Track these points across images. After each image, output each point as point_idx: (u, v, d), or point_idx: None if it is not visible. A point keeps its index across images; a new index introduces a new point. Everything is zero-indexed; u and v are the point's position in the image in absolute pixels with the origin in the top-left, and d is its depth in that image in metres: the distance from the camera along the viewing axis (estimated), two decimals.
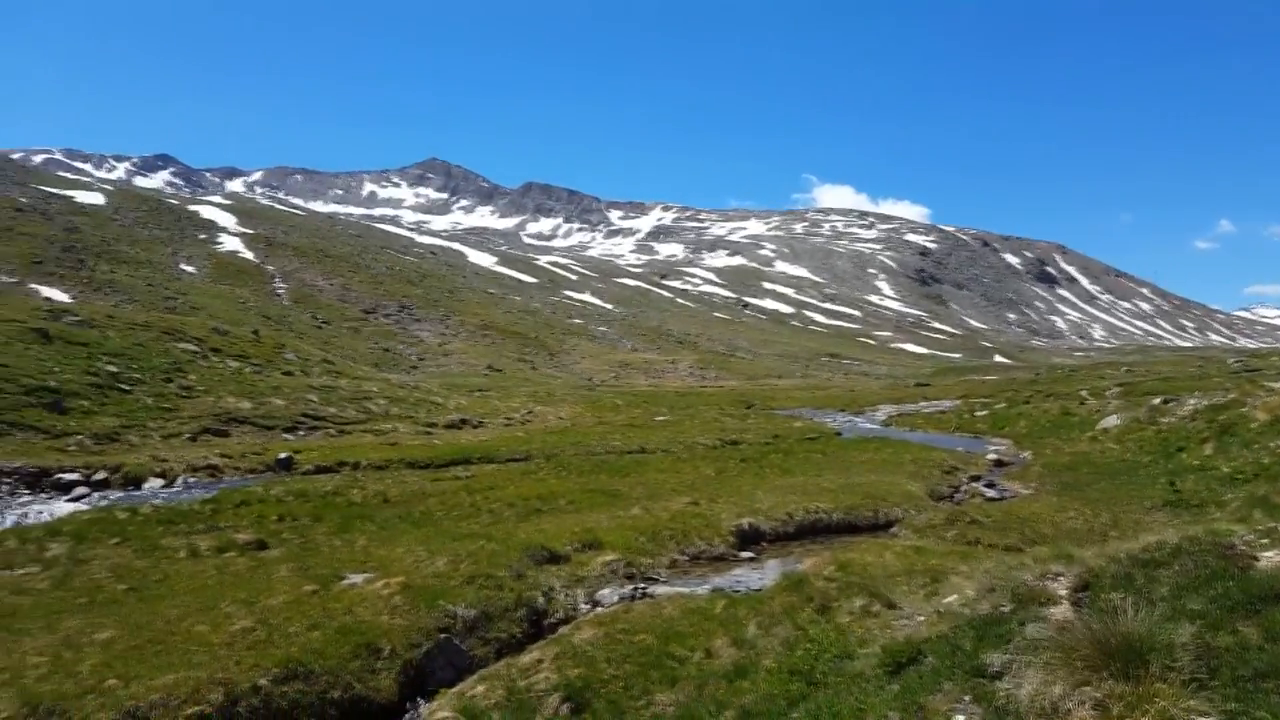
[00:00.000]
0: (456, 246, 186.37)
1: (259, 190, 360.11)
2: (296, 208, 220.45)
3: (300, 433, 30.98)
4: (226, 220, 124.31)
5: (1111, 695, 4.14)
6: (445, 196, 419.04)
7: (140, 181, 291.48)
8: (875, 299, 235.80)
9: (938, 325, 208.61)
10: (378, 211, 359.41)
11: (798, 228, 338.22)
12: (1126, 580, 5.83)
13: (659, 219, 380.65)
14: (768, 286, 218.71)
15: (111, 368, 30.81)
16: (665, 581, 13.16)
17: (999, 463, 28.04)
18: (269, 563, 12.67)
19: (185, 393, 31.29)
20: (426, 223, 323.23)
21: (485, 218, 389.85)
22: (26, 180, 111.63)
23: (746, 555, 15.21)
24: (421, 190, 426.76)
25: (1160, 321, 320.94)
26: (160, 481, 22.20)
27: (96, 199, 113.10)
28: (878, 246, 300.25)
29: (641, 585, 12.73)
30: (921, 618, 8.24)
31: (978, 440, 35.25)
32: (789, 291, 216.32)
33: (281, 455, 25.21)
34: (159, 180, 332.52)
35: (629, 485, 20.67)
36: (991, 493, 22.25)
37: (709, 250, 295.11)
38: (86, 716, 7.34)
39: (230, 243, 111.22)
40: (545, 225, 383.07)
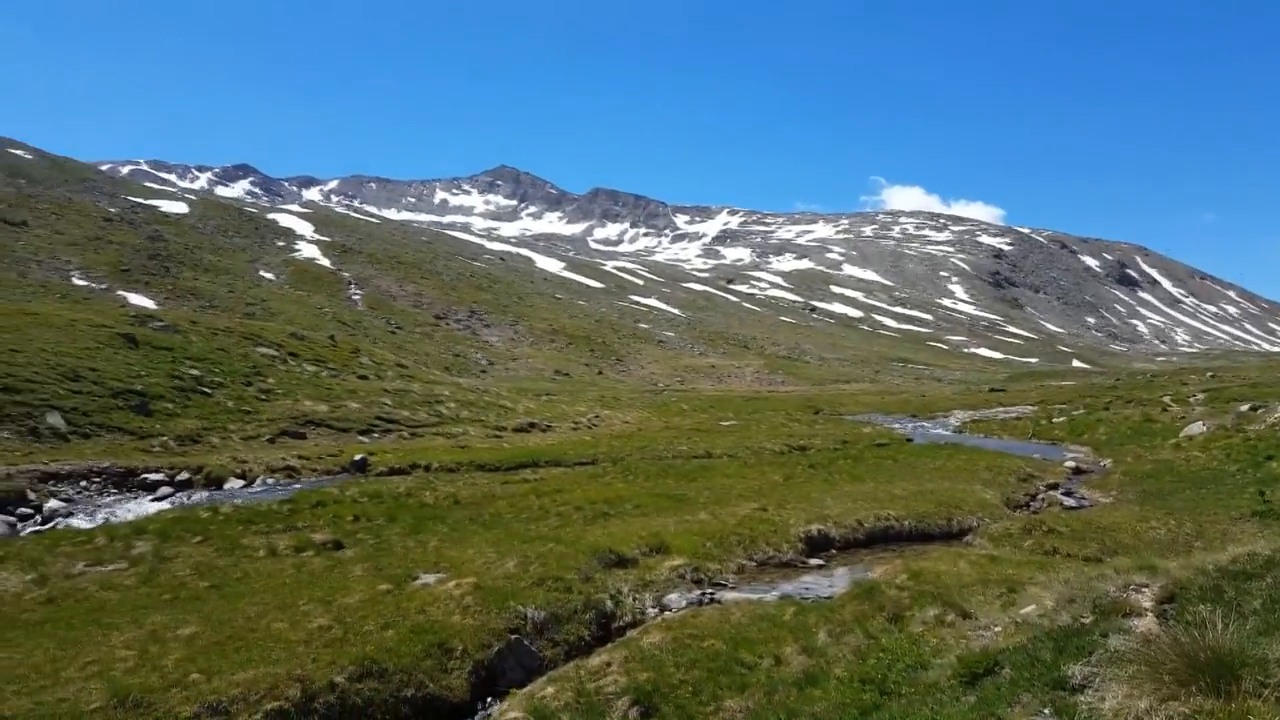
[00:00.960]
0: (525, 252, 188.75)
1: (335, 199, 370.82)
2: (371, 216, 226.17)
3: (374, 435, 31.75)
4: (304, 228, 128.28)
5: (1201, 711, 3.99)
6: (514, 203, 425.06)
7: (221, 191, 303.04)
8: (947, 302, 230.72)
9: (1013, 329, 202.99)
10: (449, 219, 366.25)
11: (867, 230, 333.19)
12: (1215, 592, 5.60)
13: (725, 223, 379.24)
14: (836, 290, 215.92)
15: (194, 371, 32.05)
16: (733, 587, 13.10)
17: (1077, 470, 27.16)
18: (345, 562, 13.01)
19: (264, 396, 32.37)
20: (496, 229, 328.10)
21: (553, 224, 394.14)
22: (115, 191, 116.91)
23: (815, 562, 15.03)
24: (491, 197, 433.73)
25: (1248, 325, 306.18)
26: (240, 482, 23.00)
27: (180, 208, 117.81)
28: (950, 249, 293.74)
29: (709, 591, 12.69)
30: (998, 628, 8.04)
31: (1055, 447, 34.20)
32: (858, 295, 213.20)
33: (356, 457, 25.88)
34: (239, 189, 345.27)
35: (695, 490, 20.62)
36: (1069, 501, 21.56)
37: (775, 254, 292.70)
38: (171, 709, 7.56)
39: (307, 250, 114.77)
40: (612, 230, 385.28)
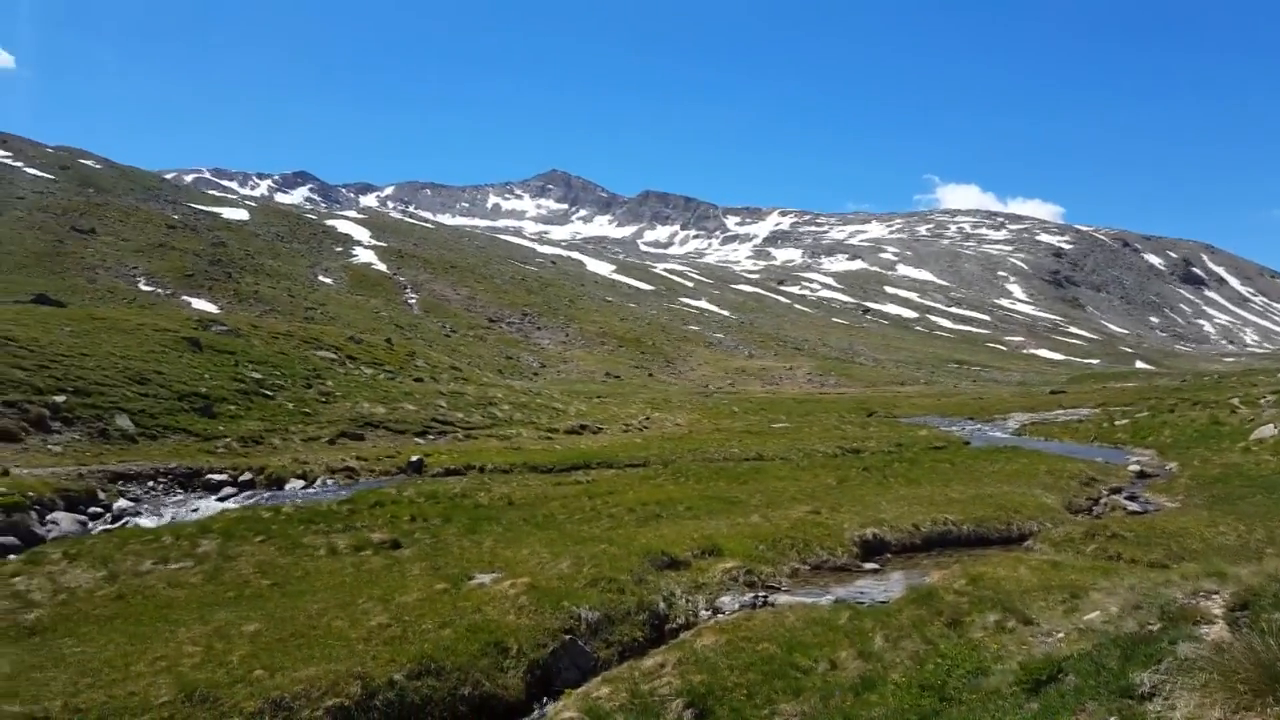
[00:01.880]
0: (575, 256, 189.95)
1: (391, 205, 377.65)
2: (426, 221, 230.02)
3: (430, 436, 32.22)
4: (361, 234, 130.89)
5: None
6: (565, 207, 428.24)
7: (281, 198, 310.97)
8: (1006, 303, 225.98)
9: (1073, 329, 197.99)
10: (501, 223, 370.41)
11: (922, 230, 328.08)
12: None
13: (776, 224, 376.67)
14: (890, 291, 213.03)
15: (256, 374, 32.89)
16: (786, 591, 13.00)
17: (1141, 474, 26.37)
18: (402, 561, 13.22)
19: (324, 398, 33.08)
20: (547, 233, 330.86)
21: (603, 227, 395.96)
22: (178, 198, 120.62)
23: (870, 566, 14.84)
24: (542, 201, 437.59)
25: None
26: (301, 482, 23.52)
27: (241, 215, 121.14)
28: (1008, 248, 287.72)
29: (762, 594, 12.61)
30: (1060, 634, 7.86)
31: (1118, 451, 33.24)
32: (912, 296, 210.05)
33: (413, 458, 26.30)
34: (298, 196, 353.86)
35: (747, 493, 20.51)
36: (1134, 506, 20.94)
37: (827, 255, 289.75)
38: (236, 704, 7.73)
39: (364, 255, 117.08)
40: (662, 233, 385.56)
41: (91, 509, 19.01)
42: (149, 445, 24.71)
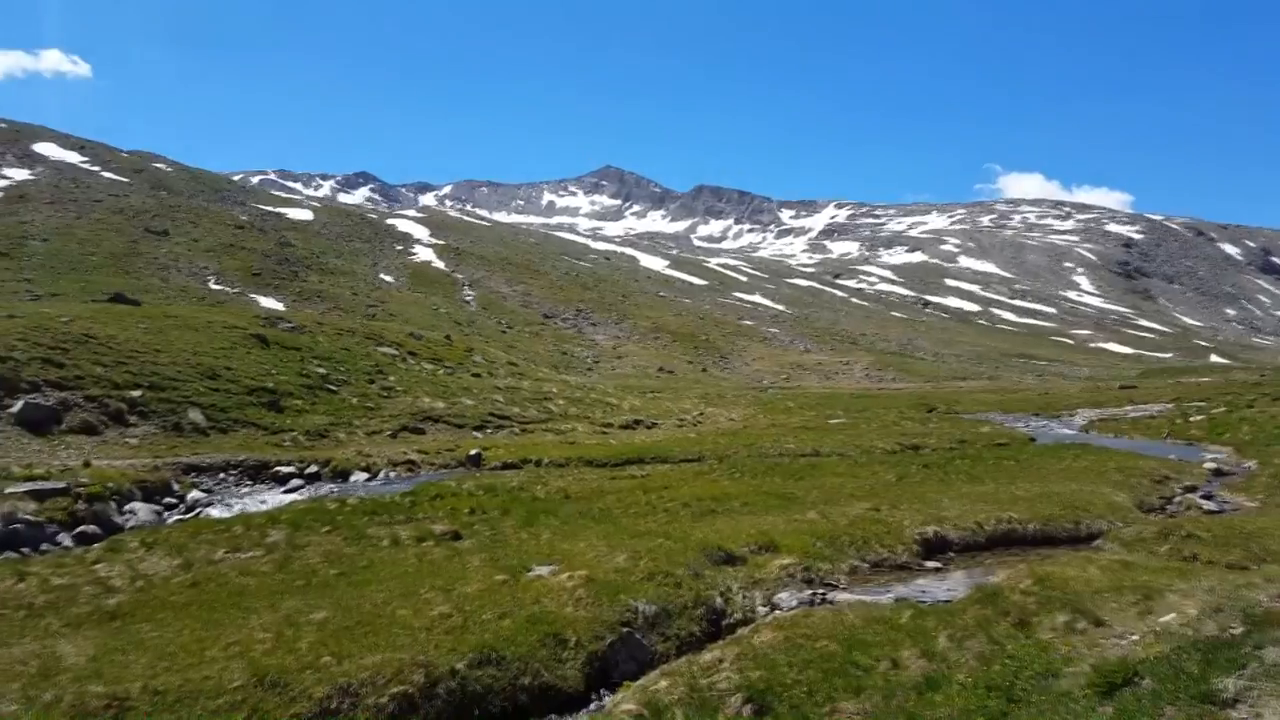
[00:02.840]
0: (629, 251, 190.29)
1: (449, 203, 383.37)
2: (482, 219, 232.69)
3: (488, 431, 32.63)
4: (420, 232, 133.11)
5: None
6: (618, 203, 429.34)
7: (343, 198, 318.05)
8: (1073, 295, 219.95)
9: (1144, 322, 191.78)
10: (555, 220, 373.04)
11: (984, 220, 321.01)
12: None
13: (832, 216, 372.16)
14: (950, 284, 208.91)
15: (320, 370, 33.67)
16: (845, 588, 12.83)
17: (1218, 472, 25.40)
18: (463, 552, 13.40)
19: (386, 393, 33.73)
20: (601, 229, 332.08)
21: (656, 222, 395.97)
22: (246, 200, 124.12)
23: (932, 565, 14.56)
24: (596, 198, 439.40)
25: None
26: (365, 475, 24.03)
27: (305, 215, 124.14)
28: (1075, 238, 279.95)
29: (820, 591, 12.47)
30: (1135, 636, 7.61)
31: (1192, 448, 32.09)
32: (974, 288, 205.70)
33: (472, 452, 26.67)
34: (359, 196, 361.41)
35: (804, 489, 20.30)
36: (1210, 505, 20.16)
37: (885, 247, 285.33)
38: (305, 689, 7.92)
39: (423, 253, 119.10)
40: (715, 227, 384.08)
41: (166, 499, 19.69)
42: (220, 438, 25.50)
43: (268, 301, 75.00)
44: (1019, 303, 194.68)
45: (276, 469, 23.47)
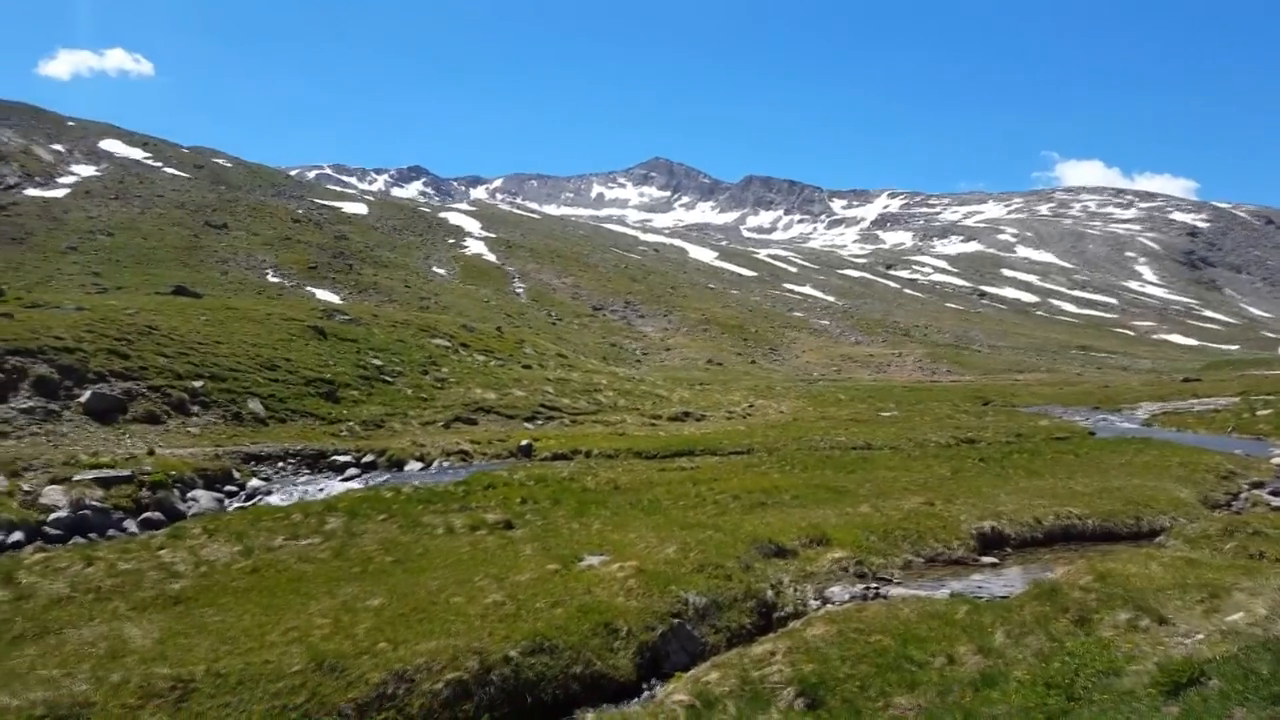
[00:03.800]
0: (678, 243, 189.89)
1: (499, 196, 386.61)
2: (532, 211, 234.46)
3: (538, 422, 32.90)
4: (471, 225, 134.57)
5: None
6: (667, 194, 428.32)
7: (396, 192, 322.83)
8: (1134, 285, 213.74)
9: (1209, 314, 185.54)
10: (604, 212, 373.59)
11: (1042, 209, 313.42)
12: None
13: (884, 206, 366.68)
14: (1007, 274, 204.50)
15: (376, 361, 34.26)
16: (898, 583, 12.67)
17: None
18: (515, 541, 13.54)
19: (439, 384, 34.21)
20: (649, 221, 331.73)
21: (706, 213, 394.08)
22: (302, 194, 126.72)
23: (988, 560, 14.30)
24: (645, 189, 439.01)
25: None
26: (419, 464, 24.42)
27: (360, 209, 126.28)
28: (1137, 227, 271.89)
29: (873, 585, 12.33)
30: (1200, 635, 7.38)
31: (1260, 443, 30.97)
32: (1032, 279, 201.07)
33: (523, 443, 26.92)
34: (412, 190, 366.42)
35: (855, 482, 20.08)
36: (1278, 501, 19.48)
37: (940, 237, 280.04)
38: (362, 674, 8.08)
39: (475, 246, 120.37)
40: (765, 218, 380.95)
41: (227, 487, 20.26)
42: (278, 428, 26.13)
43: (324, 294, 76.49)
44: (1078, 293, 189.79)
45: (333, 458, 23.97)
